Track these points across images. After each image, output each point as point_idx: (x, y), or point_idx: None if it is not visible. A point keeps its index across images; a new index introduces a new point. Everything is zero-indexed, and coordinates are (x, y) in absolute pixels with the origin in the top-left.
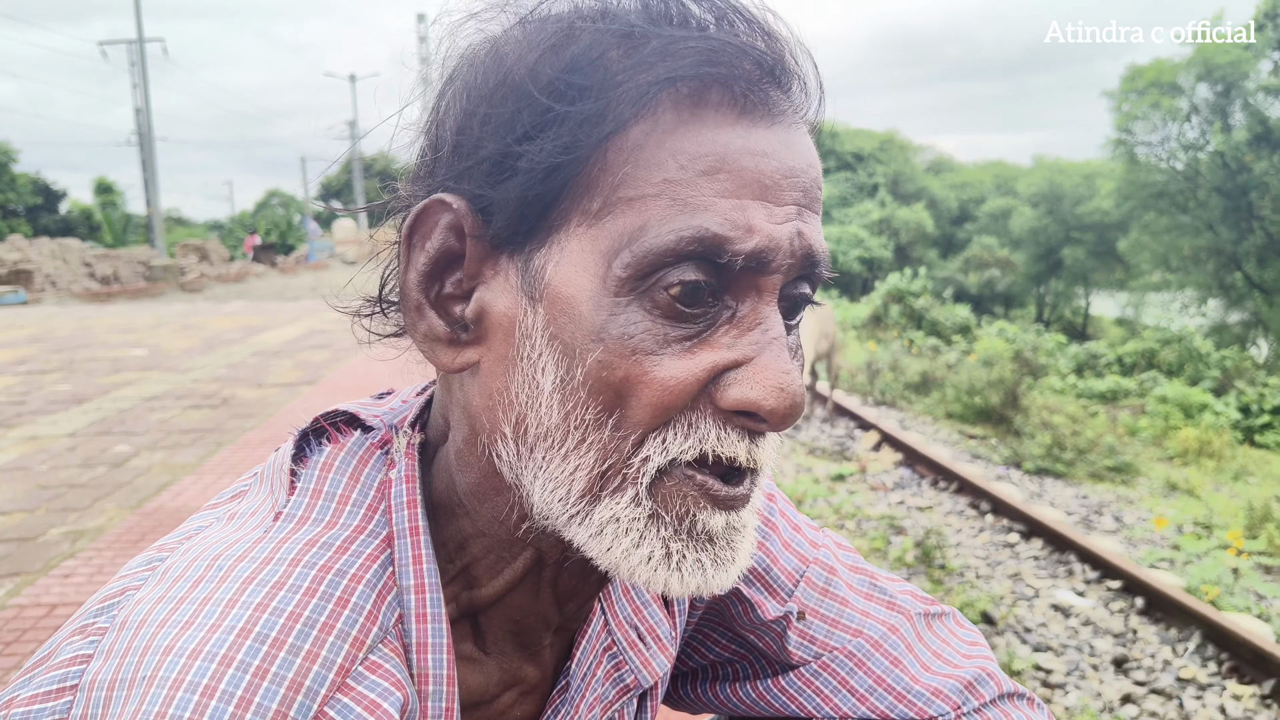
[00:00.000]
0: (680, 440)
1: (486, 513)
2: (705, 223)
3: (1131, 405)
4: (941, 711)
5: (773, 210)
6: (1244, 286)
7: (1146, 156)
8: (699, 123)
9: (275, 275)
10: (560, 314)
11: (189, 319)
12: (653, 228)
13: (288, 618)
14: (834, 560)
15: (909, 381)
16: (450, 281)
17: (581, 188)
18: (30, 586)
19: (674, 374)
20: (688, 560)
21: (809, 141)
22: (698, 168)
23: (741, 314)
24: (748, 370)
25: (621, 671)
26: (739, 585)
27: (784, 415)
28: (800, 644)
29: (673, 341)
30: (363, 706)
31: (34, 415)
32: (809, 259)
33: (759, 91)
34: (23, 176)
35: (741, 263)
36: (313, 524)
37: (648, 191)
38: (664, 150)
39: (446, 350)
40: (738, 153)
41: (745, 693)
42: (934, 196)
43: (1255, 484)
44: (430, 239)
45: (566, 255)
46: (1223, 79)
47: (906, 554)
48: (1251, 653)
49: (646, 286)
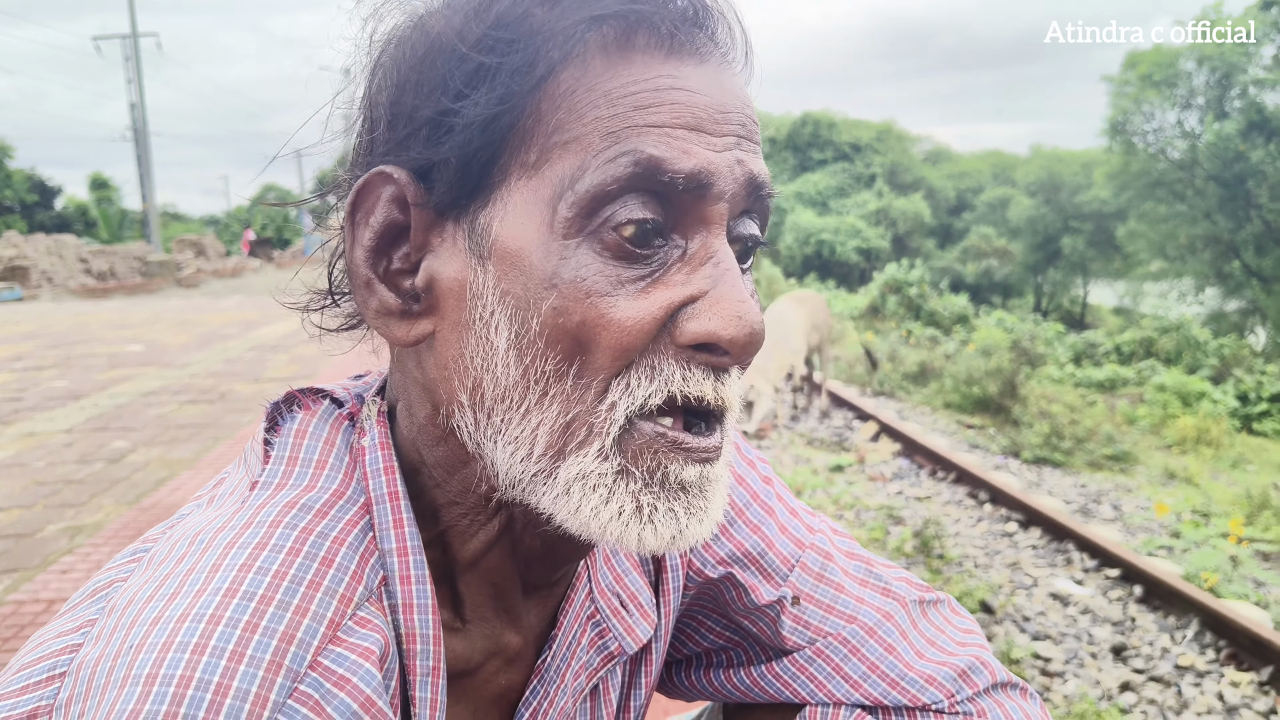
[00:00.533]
0: (645, 384)
1: (456, 484)
2: (641, 145)
3: (1129, 394)
4: (935, 699)
5: (710, 140)
6: (1241, 275)
7: (1143, 145)
8: (627, 63)
9: (271, 270)
10: (510, 268)
11: (185, 314)
12: (591, 164)
13: (274, 576)
14: (830, 546)
15: (907, 372)
16: (398, 256)
17: (518, 140)
18: (28, 583)
19: (631, 314)
20: (659, 511)
21: (740, 83)
22: (630, 104)
23: (692, 250)
24: (704, 303)
25: (605, 639)
26: (734, 569)
27: (744, 344)
28: (794, 629)
29: (626, 283)
30: (356, 654)
31: (31, 412)
32: (753, 184)
33: (685, 31)
34: (18, 173)
35: (683, 183)
36: (290, 488)
37: (581, 133)
38: (595, 92)
39: (400, 324)
40: (668, 89)
41: (739, 679)
42: (931, 186)
43: (1253, 471)
44: (374, 213)
45: (510, 209)
46: (1220, 67)
47: (905, 544)
48: (1250, 639)
49: (595, 226)
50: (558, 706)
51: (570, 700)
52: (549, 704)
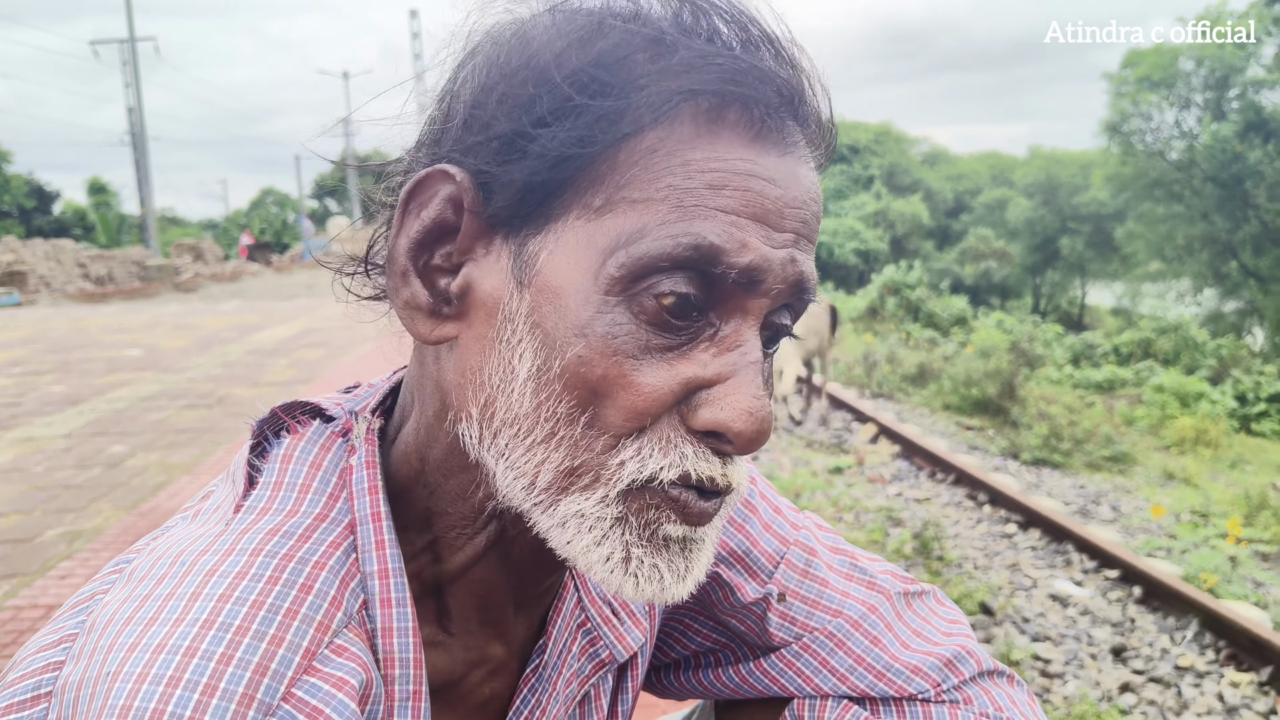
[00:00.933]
0: (659, 456)
1: (451, 488)
2: (704, 231)
3: (1128, 395)
4: (921, 689)
5: (771, 234)
6: (1239, 275)
7: (1141, 145)
8: (713, 139)
9: (270, 274)
10: (546, 303)
11: (184, 319)
12: (652, 231)
13: (251, 606)
14: (814, 542)
15: (906, 374)
16: (440, 254)
17: (587, 182)
18: (27, 588)
19: (651, 381)
20: (645, 566)
21: (814, 177)
22: (705, 180)
23: (724, 334)
24: (720, 390)
25: (596, 646)
26: (719, 569)
27: (750, 439)
28: (781, 625)
29: (654, 350)
30: (330, 684)
31: (29, 417)
32: (799, 286)
33: (776, 119)
34: (16, 178)
35: (734, 277)
36: (274, 514)
37: (652, 195)
38: (675, 159)
39: (426, 320)
40: (746, 174)
41: (728, 677)
42: (930, 188)
43: (1252, 472)
44: (427, 208)
45: (562, 246)
46: (1219, 68)
47: (905, 545)
48: (1249, 640)
49: (637, 290)
50: (550, 715)
51: (562, 708)
52: (540, 712)
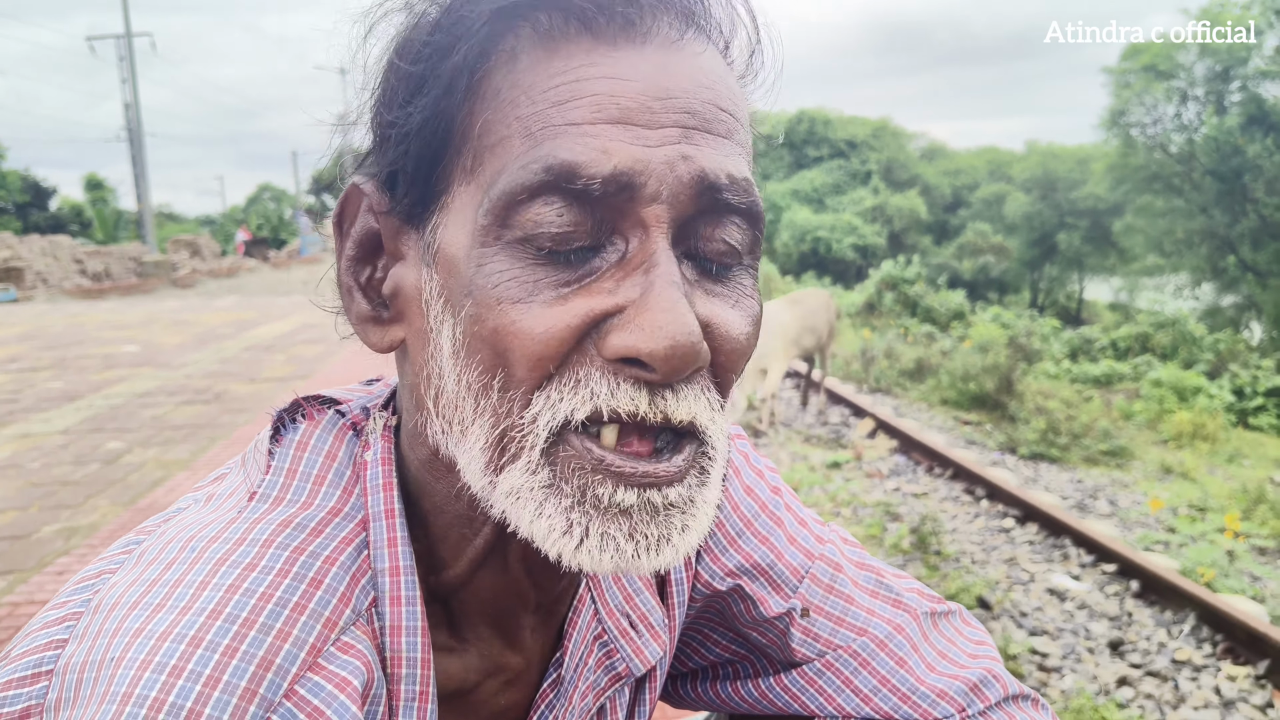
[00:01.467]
0: (569, 397)
1: (442, 489)
2: (553, 150)
3: (1126, 389)
4: (946, 714)
5: (641, 132)
6: (1237, 269)
7: (1141, 138)
8: (551, 55)
9: (267, 270)
10: (447, 275)
11: (181, 315)
12: (507, 167)
13: (259, 598)
14: (839, 556)
15: (904, 368)
16: (380, 265)
17: (456, 146)
18: (24, 584)
19: (543, 322)
20: (591, 535)
21: (702, 62)
22: (549, 99)
23: (630, 255)
24: (629, 313)
25: (613, 659)
26: (742, 581)
27: (665, 357)
28: (804, 641)
29: (544, 289)
30: (333, 684)
31: (26, 413)
32: (702, 182)
33: (611, 12)
34: (12, 174)
35: (600, 188)
36: (287, 504)
37: (504, 133)
38: (518, 90)
39: (374, 330)
40: (591, 78)
41: (747, 691)
42: (927, 183)
43: (1249, 466)
44: (354, 224)
45: (451, 216)
46: (1223, 60)
47: (902, 540)
48: (1246, 634)
49: (507, 231)
50: None
51: None
52: None
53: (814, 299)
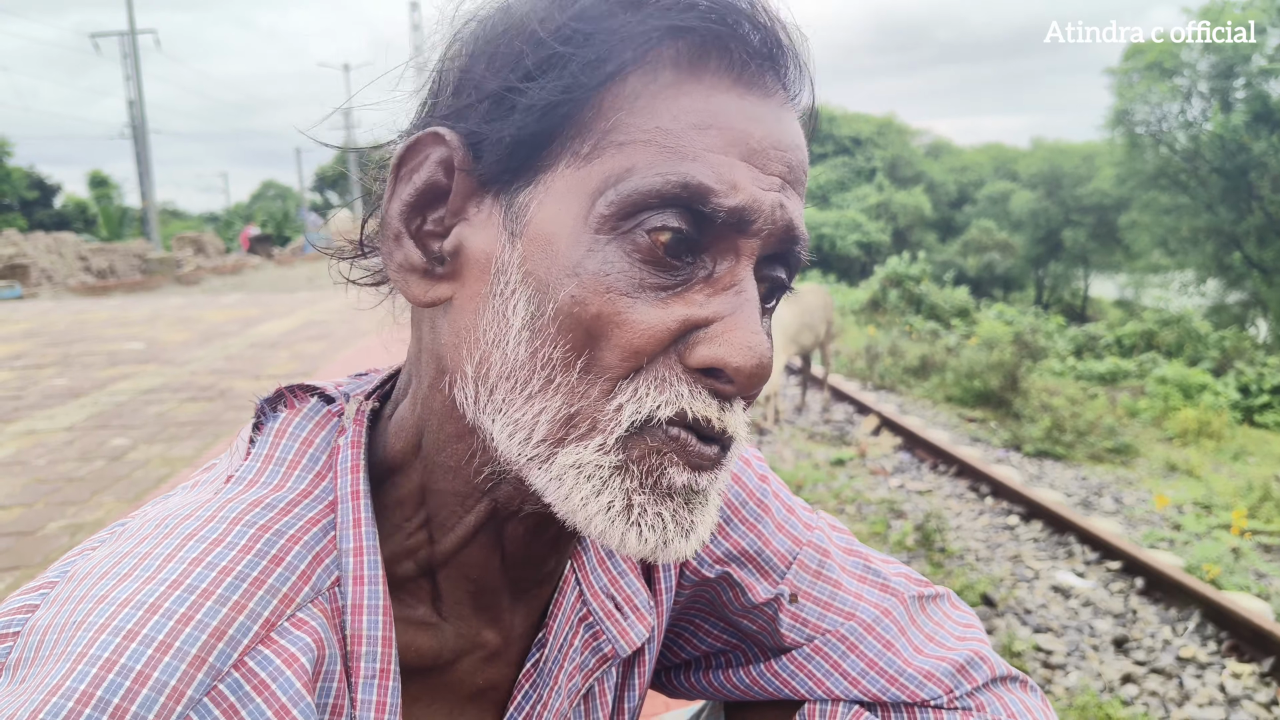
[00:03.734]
0: (655, 394)
1: (446, 460)
2: (692, 171)
3: (1131, 387)
4: (933, 694)
5: (758, 175)
6: (1243, 266)
7: (1145, 135)
8: (696, 82)
9: (272, 267)
10: (538, 250)
11: (185, 312)
12: (640, 170)
13: (220, 571)
14: (827, 543)
15: (908, 366)
16: (432, 218)
17: (575, 130)
18: (29, 580)
19: (646, 318)
20: (649, 514)
21: (798, 126)
22: (690, 121)
23: (718, 274)
24: (718, 328)
25: (599, 640)
26: (730, 568)
27: (750, 374)
28: (792, 626)
29: (648, 288)
30: (282, 659)
31: (31, 410)
32: (789, 232)
33: (756, 62)
34: (17, 170)
35: (724, 217)
36: (260, 486)
37: (638, 137)
38: (659, 100)
39: (420, 282)
40: (730, 114)
41: (739, 678)
42: (932, 180)
43: (1255, 464)
44: (419, 171)
45: (552, 194)
46: (1225, 59)
47: (907, 537)
48: (1251, 631)
49: (629, 227)
50: (552, 708)
51: (565, 701)
52: (543, 706)
53: (812, 296)
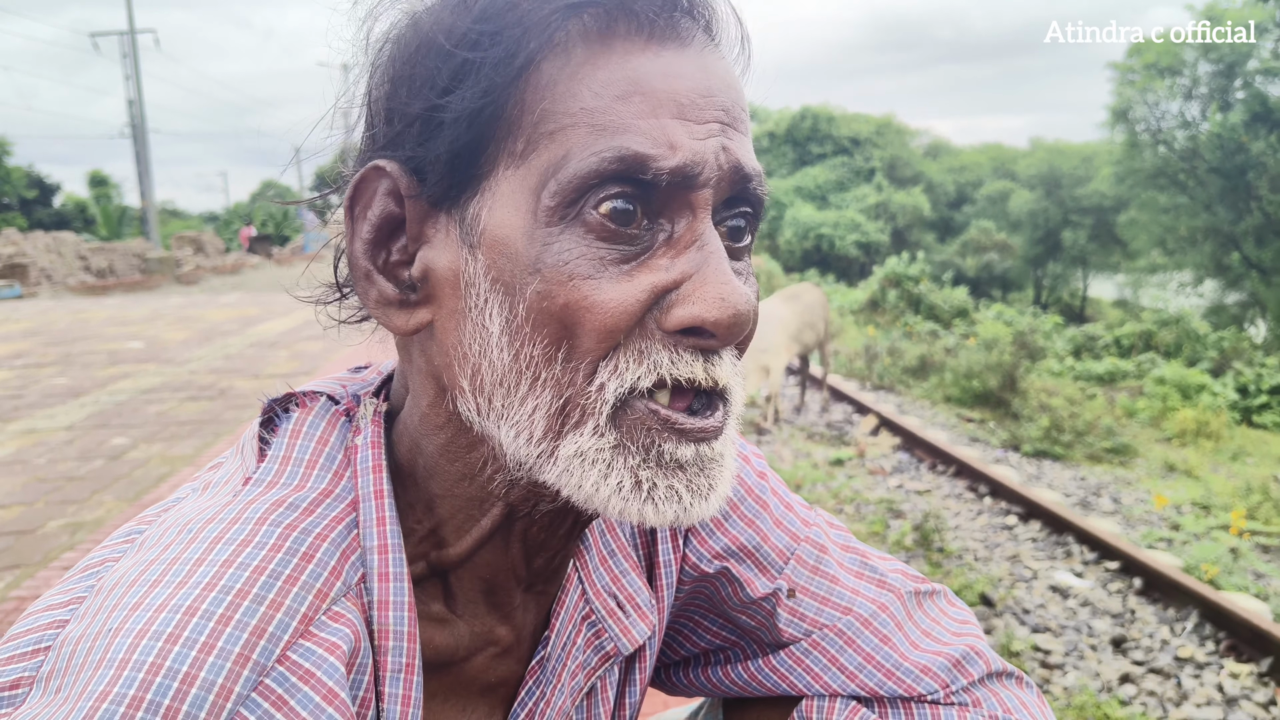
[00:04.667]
0: (634, 367)
1: (456, 471)
2: (625, 142)
3: (1129, 387)
4: (930, 689)
5: (693, 128)
6: (1241, 267)
7: (1144, 135)
8: (609, 51)
9: (271, 266)
10: (498, 255)
11: (185, 311)
12: (575, 154)
13: (253, 571)
14: (825, 539)
15: (907, 366)
16: (396, 248)
17: (504, 131)
18: (30, 579)
19: (614, 296)
20: (659, 489)
21: (727, 66)
22: (612, 93)
23: (678, 234)
24: (688, 287)
25: (601, 639)
26: (729, 563)
27: (729, 325)
28: (790, 621)
29: (609, 265)
30: (324, 648)
31: (31, 409)
32: (738, 173)
33: (665, 15)
34: (16, 170)
35: (667, 179)
36: (281, 486)
37: (566, 123)
38: (577, 81)
39: (398, 313)
40: (650, 75)
41: (737, 674)
42: (931, 180)
43: (1253, 464)
44: (371, 207)
45: (498, 199)
46: (1223, 59)
47: (905, 537)
48: (1249, 631)
49: (576, 212)
50: (555, 705)
51: (568, 699)
52: (545, 704)
53: (810, 294)
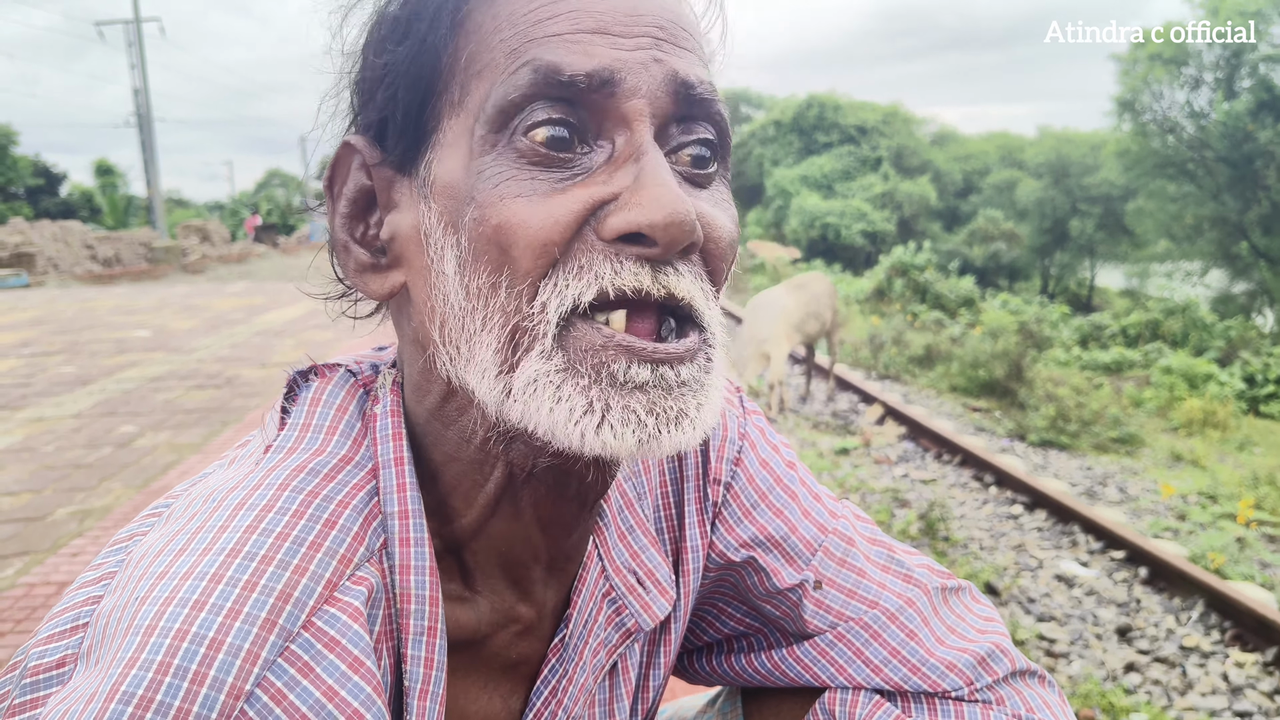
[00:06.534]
0: (574, 282)
1: (453, 435)
2: (539, 54)
3: (1136, 376)
4: (955, 685)
5: (617, 40)
6: (1249, 256)
7: (1151, 124)
8: None
9: (277, 255)
10: (446, 199)
11: (192, 300)
12: (498, 84)
13: (276, 537)
14: (852, 531)
15: (913, 355)
16: (373, 222)
17: (443, 82)
18: (39, 565)
19: (545, 209)
20: (613, 409)
21: None
22: (531, 20)
23: (618, 151)
24: (626, 195)
25: (622, 615)
26: (756, 553)
27: (665, 226)
28: (816, 613)
29: (543, 184)
30: (348, 614)
31: (39, 397)
32: (675, 80)
33: None
34: (23, 159)
35: (584, 81)
36: (300, 452)
37: (490, 59)
38: (500, 19)
39: (374, 278)
40: (569, 1)
41: (760, 663)
42: (938, 169)
43: (1260, 454)
44: (347, 183)
45: (445, 148)
46: (1230, 46)
47: (910, 526)
48: (1254, 621)
49: (507, 138)
50: (577, 683)
51: (590, 677)
52: (568, 681)
53: (817, 284)
